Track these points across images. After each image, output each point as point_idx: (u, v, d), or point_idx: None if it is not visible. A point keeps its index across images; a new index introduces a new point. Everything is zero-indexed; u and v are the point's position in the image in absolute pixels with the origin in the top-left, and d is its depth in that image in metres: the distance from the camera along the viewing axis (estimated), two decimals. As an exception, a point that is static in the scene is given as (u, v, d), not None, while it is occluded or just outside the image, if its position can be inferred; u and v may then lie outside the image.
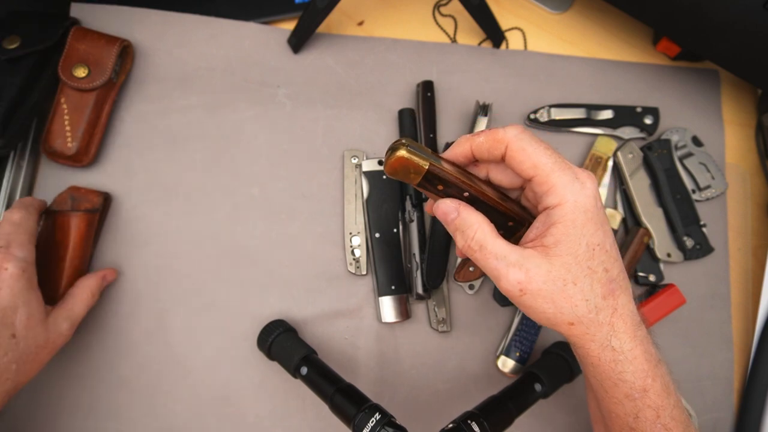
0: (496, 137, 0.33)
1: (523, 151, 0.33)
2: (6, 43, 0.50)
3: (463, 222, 0.34)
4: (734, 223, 0.58)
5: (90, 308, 0.45)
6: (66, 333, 0.42)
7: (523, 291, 0.32)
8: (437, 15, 0.62)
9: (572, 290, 0.32)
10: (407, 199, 0.53)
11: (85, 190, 0.50)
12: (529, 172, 0.33)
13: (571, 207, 0.32)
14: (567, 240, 0.32)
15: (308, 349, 0.46)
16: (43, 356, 0.40)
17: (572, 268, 0.32)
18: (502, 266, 0.32)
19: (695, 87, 0.62)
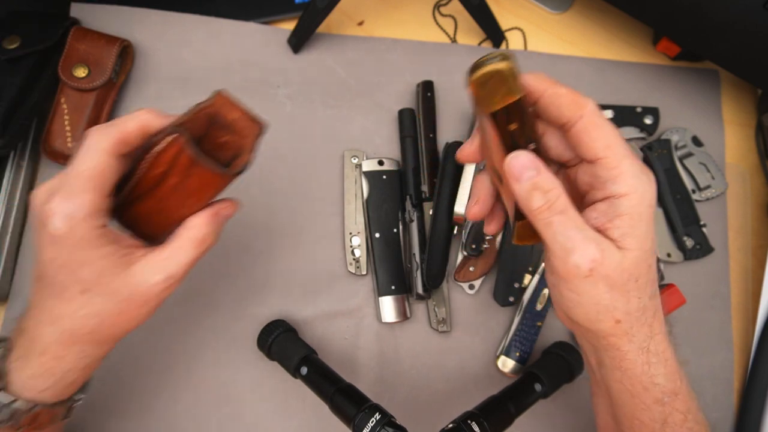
0: (578, 99, 0.30)
1: (600, 127, 0.30)
2: (6, 43, 0.50)
3: (545, 181, 0.29)
4: (734, 223, 0.58)
5: (201, 255, 0.35)
6: (161, 286, 0.34)
7: (592, 271, 0.29)
8: (437, 15, 0.62)
9: (632, 286, 0.30)
10: (407, 199, 0.53)
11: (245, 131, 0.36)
12: (599, 152, 0.30)
13: (639, 199, 0.29)
14: (636, 234, 0.29)
15: (308, 349, 0.46)
16: (133, 311, 0.34)
17: (641, 265, 0.30)
18: (580, 237, 0.29)
19: (695, 87, 0.62)
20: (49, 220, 0.31)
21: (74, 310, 0.33)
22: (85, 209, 0.31)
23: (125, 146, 0.33)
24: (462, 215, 0.52)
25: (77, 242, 0.32)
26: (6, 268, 0.50)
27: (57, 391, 0.35)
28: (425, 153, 0.54)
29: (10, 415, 0.33)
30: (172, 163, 0.32)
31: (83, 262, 0.32)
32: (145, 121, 0.33)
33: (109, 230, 0.33)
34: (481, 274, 0.53)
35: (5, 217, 0.50)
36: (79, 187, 0.31)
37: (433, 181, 0.54)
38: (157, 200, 0.34)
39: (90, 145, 0.32)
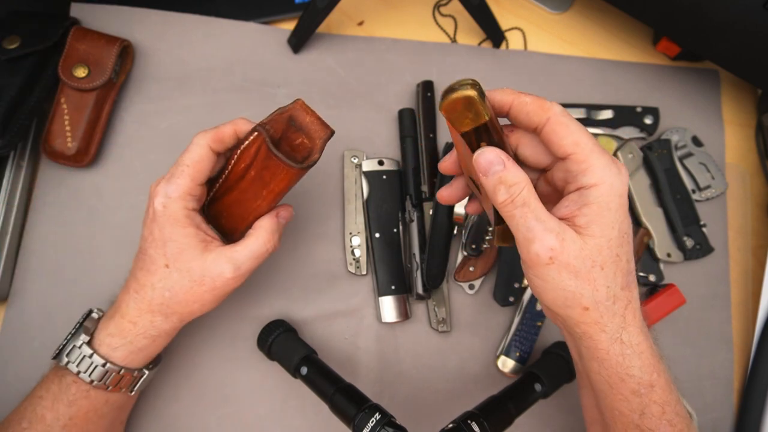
0: (543, 104, 0.33)
1: (566, 126, 0.32)
2: (6, 43, 0.50)
3: (510, 175, 0.32)
4: (734, 223, 0.58)
5: (267, 254, 0.41)
6: (228, 275, 0.39)
7: (552, 259, 0.31)
8: (437, 15, 0.62)
9: (598, 274, 0.31)
10: (407, 199, 0.53)
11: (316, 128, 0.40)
12: (568, 148, 0.32)
13: (608, 189, 0.31)
14: (601, 222, 0.31)
15: (308, 349, 0.46)
16: (201, 293, 0.40)
17: (603, 252, 0.31)
18: (539, 228, 0.31)
19: (695, 87, 0.62)
20: (152, 200, 0.39)
21: (155, 282, 0.39)
22: (180, 190, 0.38)
23: (221, 144, 0.40)
24: (462, 215, 0.52)
25: (168, 218, 0.38)
26: (6, 268, 0.50)
27: (126, 354, 0.40)
28: (425, 153, 0.54)
29: (89, 366, 0.39)
30: (254, 156, 0.38)
31: (170, 238, 0.39)
32: (239, 125, 0.40)
33: (196, 214, 0.40)
34: (481, 274, 0.53)
35: (5, 217, 0.50)
36: (178, 173, 0.39)
37: (433, 181, 0.54)
38: (239, 192, 0.41)
39: (193, 142, 0.39)
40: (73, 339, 0.40)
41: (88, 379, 0.39)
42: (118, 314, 0.40)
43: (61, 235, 0.52)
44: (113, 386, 0.40)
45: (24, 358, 0.49)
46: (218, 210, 0.42)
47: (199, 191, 0.40)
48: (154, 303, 0.39)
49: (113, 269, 0.51)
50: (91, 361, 0.39)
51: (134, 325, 0.40)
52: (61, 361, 0.40)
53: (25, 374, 0.47)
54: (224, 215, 0.42)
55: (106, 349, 0.40)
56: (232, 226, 0.43)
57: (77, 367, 0.39)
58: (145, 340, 0.40)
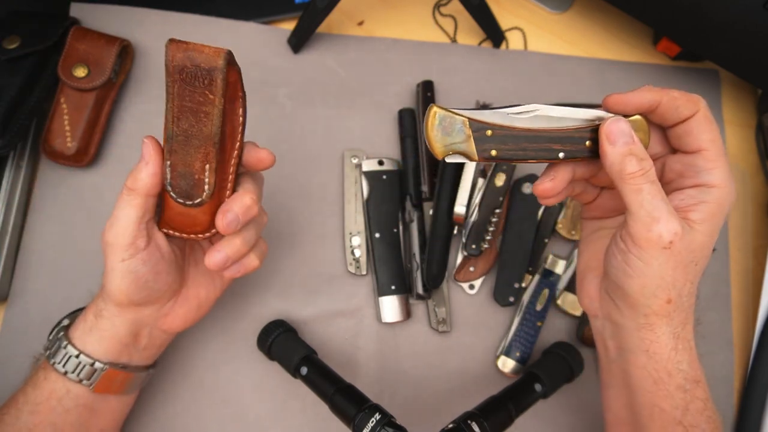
0: (692, 98, 0.32)
1: (711, 122, 0.32)
2: (6, 43, 0.50)
3: (641, 150, 0.31)
4: (734, 223, 0.58)
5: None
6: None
7: (672, 243, 0.31)
8: (437, 15, 0.62)
9: (692, 269, 0.32)
10: (407, 199, 0.53)
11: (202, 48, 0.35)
12: (704, 143, 0.32)
13: (726, 193, 0.32)
14: (712, 222, 0.32)
15: (308, 349, 0.46)
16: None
17: (705, 250, 0.32)
18: (666, 210, 0.31)
19: (695, 87, 0.62)
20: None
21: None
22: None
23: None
24: (462, 215, 0.52)
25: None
26: (6, 268, 0.50)
27: (107, 349, 0.39)
28: (425, 153, 0.54)
29: (76, 366, 0.38)
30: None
31: None
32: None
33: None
34: (481, 274, 0.53)
35: (5, 217, 0.50)
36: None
37: (433, 181, 0.54)
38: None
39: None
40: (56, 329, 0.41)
41: (76, 379, 0.39)
42: (100, 297, 0.40)
43: (61, 235, 0.52)
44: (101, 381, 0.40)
45: (24, 358, 0.49)
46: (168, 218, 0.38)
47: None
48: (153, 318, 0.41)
49: (113, 269, 0.51)
50: (78, 361, 0.39)
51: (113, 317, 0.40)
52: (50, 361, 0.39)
53: (25, 374, 0.47)
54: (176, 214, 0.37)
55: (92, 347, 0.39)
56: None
57: (64, 368, 0.38)
58: (124, 330, 0.40)
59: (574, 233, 0.54)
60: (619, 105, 0.33)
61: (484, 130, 0.32)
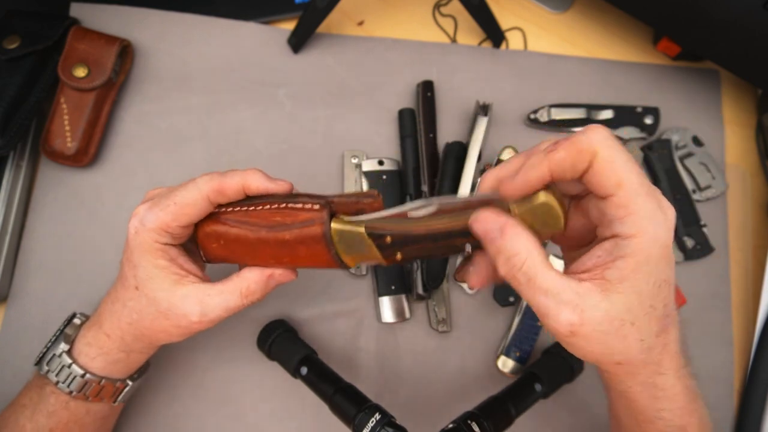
0: (580, 148, 0.27)
1: (611, 164, 0.27)
2: (6, 43, 0.50)
3: (509, 246, 0.28)
4: (734, 223, 0.58)
5: (241, 309, 0.38)
6: (193, 318, 0.36)
7: (574, 333, 0.28)
8: (437, 15, 0.62)
9: (628, 330, 0.28)
10: (407, 199, 0.53)
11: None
12: (609, 189, 0.27)
13: (649, 241, 0.27)
14: (634, 277, 0.27)
15: (308, 349, 0.46)
16: (166, 326, 0.37)
17: (634, 308, 0.28)
18: (551, 304, 0.27)
19: (695, 87, 0.62)
20: (131, 219, 0.36)
21: (126, 299, 0.37)
22: (156, 224, 0.35)
23: (221, 197, 0.36)
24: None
25: (138, 245, 0.36)
26: (6, 268, 0.50)
27: (103, 364, 0.39)
28: (425, 153, 0.54)
29: (68, 376, 0.38)
30: (301, 226, 0.34)
31: (139, 264, 0.36)
32: (249, 181, 0.36)
33: (171, 249, 0.37)
34: (481, 274, 0.53)
35: (5, 217, 0.50)
36: (163, 206, 0.35)
37: (433, 181, 0.54)
38: (255, 237, 0.35)
39: (195, 182, 0.36)
40: (54, 347, 0.39)
41: (67, 390, 0.38)
42: (97, 324, 0.39)
43: (61, 235, 0.52)
44: (93, 397, 0.39)
45: (24, 358, 0.49)
46: (215, 232, 0.37)
47: (178, 231, 0.36)
48: (123, 321, 0.38)
49: (113, 269, 0.51)
50: (70, 371, 0.38)
51: (108, 338, 0.38)
52: (41, 370, 0.39)
53: (25, 374, 0.47)
54: (220, 241, 0.37)
55: (85, 359, 0.38)
56: (222, 255, 0.38)
57: (56, 377, 0.38)
58: (120, 354, 0.39)
59: (574, 233, 0.54)
60: (509, 193, 0.29)
61: (384, 238, 0.32)
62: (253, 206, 0.36)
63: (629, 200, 0.27)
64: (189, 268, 0.38)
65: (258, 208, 0.35)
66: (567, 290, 0.27)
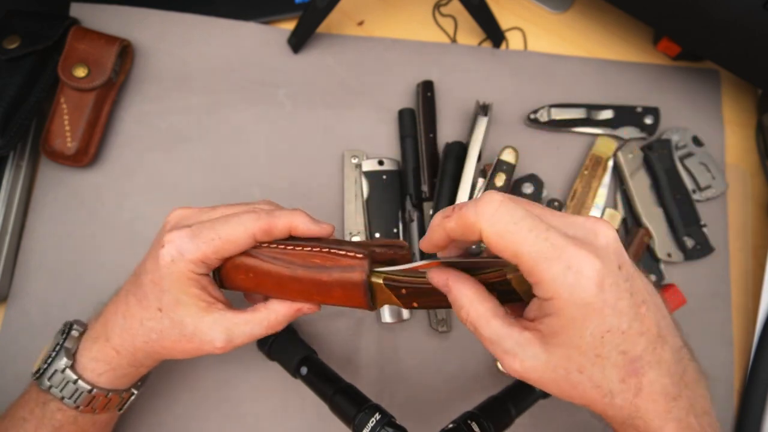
0: (467, 222, 0.28)
1: (499, 239, 0.27)
2: (6, 43, 0.50)
3: (455, 298, 0.31)
4: (734, 223, 0.58)
5: (260, 337, 0.39)
6: (217, 344, 0.37)
7: (522, 377, 0.29)
8: (437, 15, 0.62)
9: (577, 378, 0.28)
10: (407, 199, 0.53)
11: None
12: (511, 259, 0.28)
13: (566, 303, 0.27)
14: (565, 333, 0.28)
15: (308, 349, 0.46)
16: (185, 347, 0.37)
17: (575, 358, 0.28)
18: (497, 352, 0.30)
19: (695, 87, 0.62)
20: (164, 242, 0.35)
21: (145, 318, 0.37)
22: (196, 255, 0.35)
23: (267, 236, 0.36)
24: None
25: (172, 274, 0.35)
26: (6, 268, 0.50)
27: (111, 379, 0.38)
28: (425, 153, 0.54)
29: (74, 392, 0.38)
30: (342, 271, 0.36)
31: (169, 290, 0.36)
32: (296, 223, 0.36)
33: (203, 278, 0.37)
34: (481, 274, 0.53)
35: (5, 217, 0.50)
36: (205, 238, 0.35)
37: (433, 181, 0.54)
38: (289, 274, 0.36)
39: (241, 219, 0.36)
40: (55, 362, 0.38)
41: (73, 405, 0.38)
42: (103, 337, 0.38)
43: (61, 235, 0.52)
44: (101, 409, 0.39)
45: (24, 358, 0.49)
46: (245, 265, 0.37)
47: (216, 263, 0.37)
48: (138, 339, 0.37)
49: (113, 269, 0.51)
50: (75, 386, 0.37)
51: (118, 354, 0.38)
52: (42, 385, 0.38)
53: (25, 375, 0.47)
54: (249, 274, 0.37)
55: (91, 375, 0.38)
56: (246, 285, 0.38)
57: (61, 393, 0.37)
58: (130, 369, 0.39)
59: (574, 233, 0.54)
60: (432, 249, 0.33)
61: (400, 289, 0.35)
62: (292, 246, 0.37)
63: (532, 269, 0.27)
64: (217, 296, 0.38)
65: (297, 249, 0.36)
66: (508, 340, 0.29)
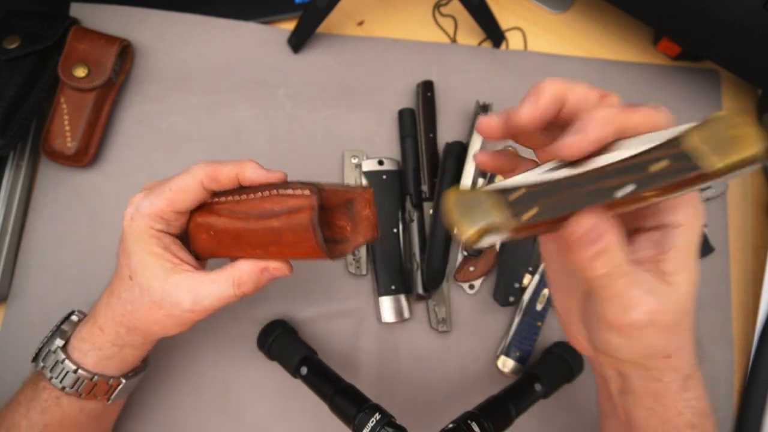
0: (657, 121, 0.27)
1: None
2: (6, 43, 0.50)
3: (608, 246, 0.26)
4: (734, 223, 0.58)
5: (234, 300, 0.37)
6: (185, 306, 0.36)
7: (651, 321, 0.27)
8: (437, 15, 0.62)
9: (686, 323, 0.29)
10: (407, 199, 0.53)
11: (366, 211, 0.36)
12: None
13: (694, 231, 0.27)
14: (687, 268, 0.27)
15: (308, 349, 0.46)
16: (160, 316, 0.37)
17: (690, 300, 0.28)
18: (640, 293, 0.27)
19: (695, 87, 0.62)
20: (128, 207, 0.37)
21: (121, 290, 0.38)
22: (151, 209, 0.36)
23: (214, 183, 0.36)
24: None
25: (132, 232, 0.36)
26: (6, 268, 0.50)
27: (96, 360, 0.38)
28: (425, 153, 0.54)
29: (60, 372, 0.38)
30: (289, 212, 0.33)
31: (133, 252, 0.36)
32: (245, 171, 0.36)
33: (165, 236, 0.37)
34: (481, 274, 0.53)
35: (5, 217, 0.50)
36: (158, 192, 0.36)
37: (433, 181, 0.54)
38: (244, 226, 0.35)
39: (189, 169, 0.36)
40: (49, 343, 0.39)
41: (60, 386, 0.38)
42: (92, 319, 0.39)
43: (61, 235, 0.52)
44: (86, 393, 0.39)
45: (24, 358, 0.48)
46: (206, 223, 0.37)
47: (173, 217, 0.37)
48: (117, 313, 0.38)
49: (113, 269, 0.51)
50: (63, 366, 0.38)
51: (102, 332, 0.38)
52: (37, 366, 0.39)
53: (25, 374, 0.47)
54: (210, 232, 0.37)
55: (78, 355, 0.38)
56: (211, 247, 0.37)
57: (50, 373, 0.38)
58: (113, 348, 0.38)
59: (574, 233, 0.54)
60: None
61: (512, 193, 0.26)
62: (245, 194, 0.35)
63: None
64: (182, 257, 0.37)
65: (250, 196, 0.35)
66: (647, 279, 0.27)
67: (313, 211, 0.33)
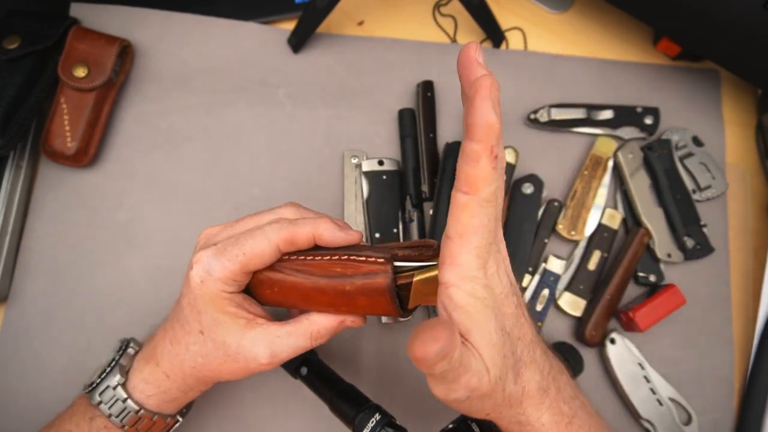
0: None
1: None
2: (6, 43, 0.50)
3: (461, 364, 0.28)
4: (734, 223, 0.58)
5: (305, 350, 0.37)
6: (262, 361, 0.36)
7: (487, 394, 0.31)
8: (437, 15, 0.62)
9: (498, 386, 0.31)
10: (407, 199, 0.53)
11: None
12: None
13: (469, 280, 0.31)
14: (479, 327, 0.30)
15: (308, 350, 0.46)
16: (232, 367, 0.37)
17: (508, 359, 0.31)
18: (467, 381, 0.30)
19: (695, 87, 0.62)
20: (194, 265, 0.35)
21: (189, 342, 0.37)
22: (223, 274, 0.34)
23: (291, 246, 0.35)
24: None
25: (204, 294, 0.35)
26: (6, 268, 0.50)
27: (159, 402, 0.38)
28: (425, 153, 0.54)
29: (121, 411, 0.37)
30: (363, 278, 0.34)
31: (204, 310, 0.36)
32: (320, 232, 0.35)
33: (236, 296, 0.36)
34: (481, 274, 0.53)
35: (5, 217, 0.50)
36: (230, 255, 0.34)
37: (433, 181, 0.54)
38: (312, 284, 0.35)
39: (264, 231, 0.34)
40: (108, 378, 0.38)
41: (119, 424, 0.37)
42: (153, 360, 0.38)
43: (61, 235, 0.52)
44: (145, 431, 0.39)
45: (24, 358, 0.49)
46: (269, 280, 0.36)
47: (245, 279, 0.36)
48: (186, 365, 0.37)
49: (113, 269, 0.51)
50: (124, 405, 0.37)
51: (168, 378, 0.38)
52: (93, 400, 0.38)
53: (25, 374, 0.47)
54: (274, 288, 0.36)
55: (140, 395, 0.38)
56: (276, 300, 0.37)
57: (109, 410, 0.37)
58: (178, 393, 0.38)
59: (574, 233, 0.54)
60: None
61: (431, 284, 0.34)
62: (311, 256, 0.35)
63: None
64: (255, 311, 0.37)
65: (317, 259, 0.35)
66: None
67: (390, 280, 0.33)
